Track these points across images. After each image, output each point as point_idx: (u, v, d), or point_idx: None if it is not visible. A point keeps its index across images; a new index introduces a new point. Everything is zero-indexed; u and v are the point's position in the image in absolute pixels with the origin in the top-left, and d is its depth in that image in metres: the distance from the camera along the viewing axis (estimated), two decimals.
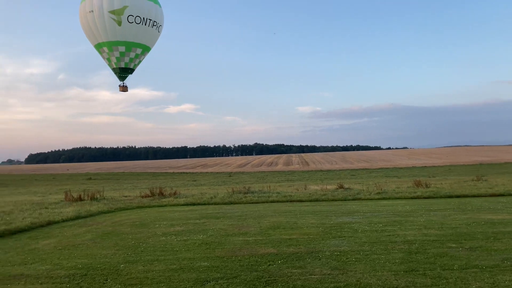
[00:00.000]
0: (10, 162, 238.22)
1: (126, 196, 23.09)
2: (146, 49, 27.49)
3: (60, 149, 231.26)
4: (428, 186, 20.90)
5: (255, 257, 7.29)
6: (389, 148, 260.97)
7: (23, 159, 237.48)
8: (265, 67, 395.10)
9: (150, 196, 20.62)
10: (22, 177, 77.79)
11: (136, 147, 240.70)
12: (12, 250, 8.70)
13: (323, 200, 16.39)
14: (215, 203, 17.07)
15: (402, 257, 7.04)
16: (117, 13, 25.02)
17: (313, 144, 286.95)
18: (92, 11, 25.14)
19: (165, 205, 17.22)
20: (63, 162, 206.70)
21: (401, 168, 64.23)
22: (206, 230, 10.14)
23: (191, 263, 6.99)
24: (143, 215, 13.74)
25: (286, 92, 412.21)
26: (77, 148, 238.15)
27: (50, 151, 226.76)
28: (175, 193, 21.47)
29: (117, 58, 26.48)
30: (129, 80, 26.85)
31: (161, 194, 21.09)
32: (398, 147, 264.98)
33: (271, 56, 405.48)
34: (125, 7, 25.02)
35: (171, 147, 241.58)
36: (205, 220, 11.68)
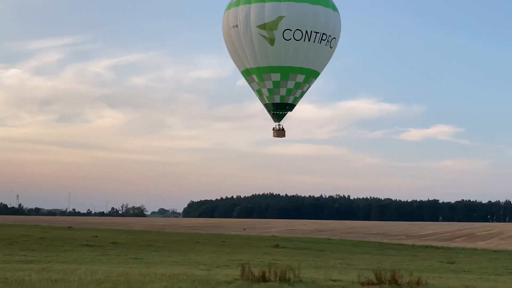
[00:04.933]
0: (162, 212, 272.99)
1: (335, 281, 23.44)
2: (311, 74, 29.78)
3: (234, 196, 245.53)
4: None
5: None
6: None
7: (181, 209, 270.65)
8: None
9: (376, 284, 20.51)
10: (179, 236, 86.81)
11: (352, 197, 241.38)
12: None
13: None
14: None
15: None
16: (268, 28, 27.67)
17: None
18: (237, 25, 28.46)
19: None
20: (238, 216, 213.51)
21: None
22: None
23: None
24: None
25: None
26: (258, 195, 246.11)
27: (218, 198, 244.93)
28: (418, 282, 20.75)
29: (269, 90, 29.37)
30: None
31: (395, 282, 20.75)
32: None
33: None
34: (279, 19, 27.51)
35: (412, 200, 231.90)
36: None
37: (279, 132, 30.30)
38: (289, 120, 31.21)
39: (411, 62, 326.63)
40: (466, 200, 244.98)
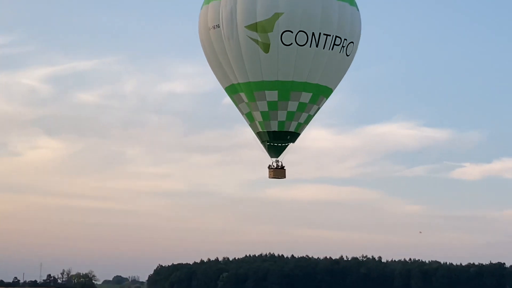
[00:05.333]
0: (119, 281, 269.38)
1: None
2: (321, 92, 29.35)
3: (220, 258, 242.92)
4: None
5: None
6: None
7: (145, 277, 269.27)
8: None
9: None
10: None
11: (384, 260, 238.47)
12: None
13: None
14: None
15: None
16: (261, 29, 27.09)
17: None
18: (219, 26, 28.07)
19: None
20: (225, 287, 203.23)
21: None
22: None
23: None
24: None
25: None
26: (253, 257, 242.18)
27: (198, 261, 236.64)
28: None
29: (263, 114, 28.88)
30: None
31: None
32: None
33: None
34: (276, 16, 26.92)
35: (467, 263, 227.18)
36: None
37: (277, 172, 29.84)
38: (295, 151, 30.88)
39: (465, 72, 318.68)
40: None
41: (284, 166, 29.93)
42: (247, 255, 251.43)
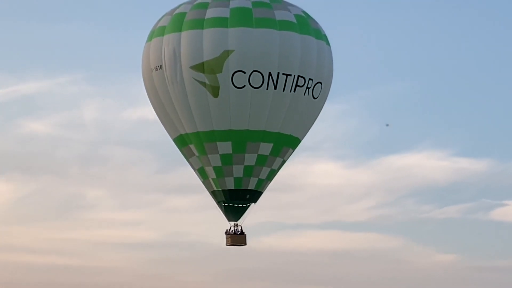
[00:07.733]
0: None
1: None
2: (285, 142, 26.69)
3: None
4: None
5: None
6: None
7: None
8: None
9: None
10: None
11: None
12: None
13: None
14: None
15: None
16: (209, 69, 24.89)
17: None
18: (161, 66, 25.78)
19: None
20: None
21: None
22: None
23: None
24: None
25: None
26: None
27: None
28: None
29: (217, 169, 26.31)
30: None
31: None
32: None
33: None
34: (226, 54, 24.70)
35: None
36: None
37: (236, 238, 27.20)
38: (297, 190, 27.60)
39: (508, 89, 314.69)
40: None
41: (244, 232, 27.64)
42: None
